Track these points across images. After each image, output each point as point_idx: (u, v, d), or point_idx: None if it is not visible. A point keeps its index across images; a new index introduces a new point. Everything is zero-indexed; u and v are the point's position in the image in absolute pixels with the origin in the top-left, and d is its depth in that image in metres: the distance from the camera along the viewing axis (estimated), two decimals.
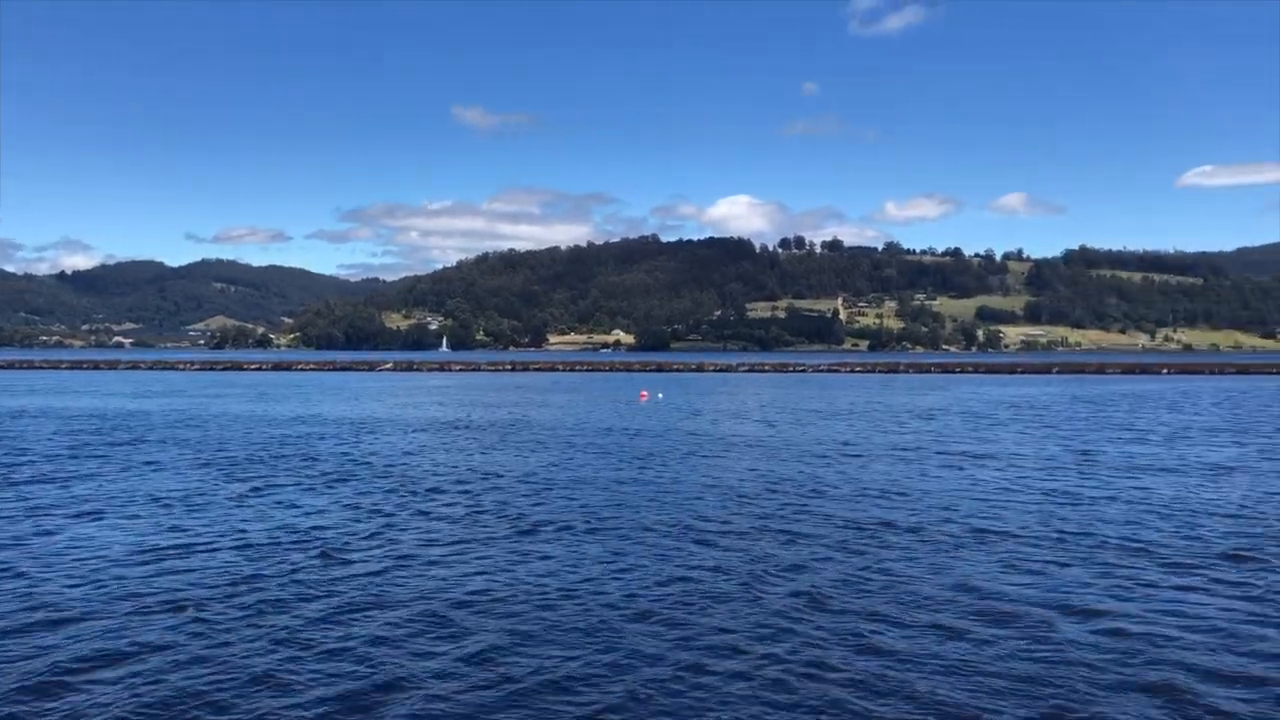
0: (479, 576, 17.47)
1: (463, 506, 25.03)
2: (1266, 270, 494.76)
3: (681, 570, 17.93)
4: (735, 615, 15.08)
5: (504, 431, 47.41)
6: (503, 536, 21.09)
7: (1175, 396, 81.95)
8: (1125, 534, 21.18)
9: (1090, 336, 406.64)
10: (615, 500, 25.94)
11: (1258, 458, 36.23)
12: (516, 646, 13.59)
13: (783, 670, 12.70)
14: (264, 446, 40.28)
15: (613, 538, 20.91)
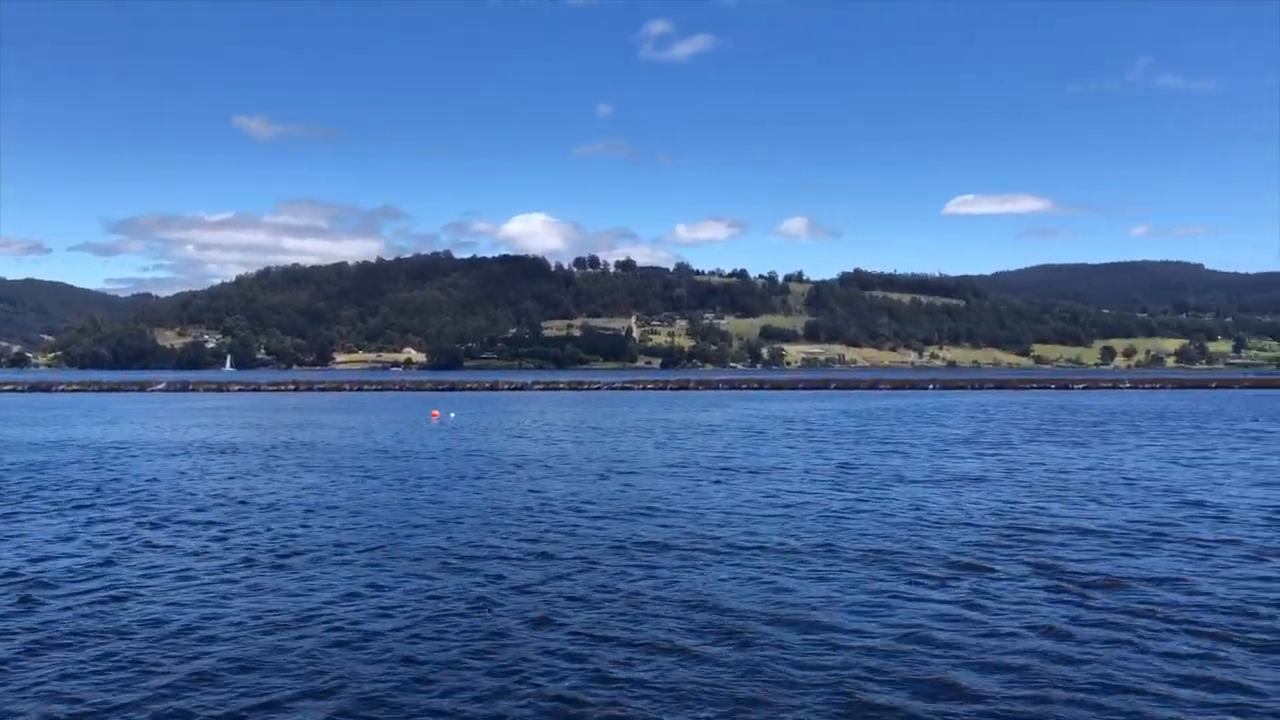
0: (194, 610, 16.37)
1: (205, 536, 23.45)
2: (1021, 293, 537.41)
3: (418, 597, 17.38)
4: (459, 638, 14.82)
5: (276, 455, 45.17)
6: (238, 566, 19.86)
7: (938, 411, 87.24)
8: (867, 544, 22.00)
9: (865, 354, 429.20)
10: (377, 525, 24.97)
11: (1000, 470, 38.77)
12: (199, 684, 12.88)
13: (494, 690, 12.57)
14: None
15: (363, 565, 20.05)
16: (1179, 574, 18.81)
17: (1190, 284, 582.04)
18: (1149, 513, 26.55)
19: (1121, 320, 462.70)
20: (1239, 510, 27.01)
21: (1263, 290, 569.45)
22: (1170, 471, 37.25)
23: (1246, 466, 39.11)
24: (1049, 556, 20.51)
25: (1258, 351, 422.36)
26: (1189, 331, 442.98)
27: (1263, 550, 21.10)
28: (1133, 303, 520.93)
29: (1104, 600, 16.88)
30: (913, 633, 15.03)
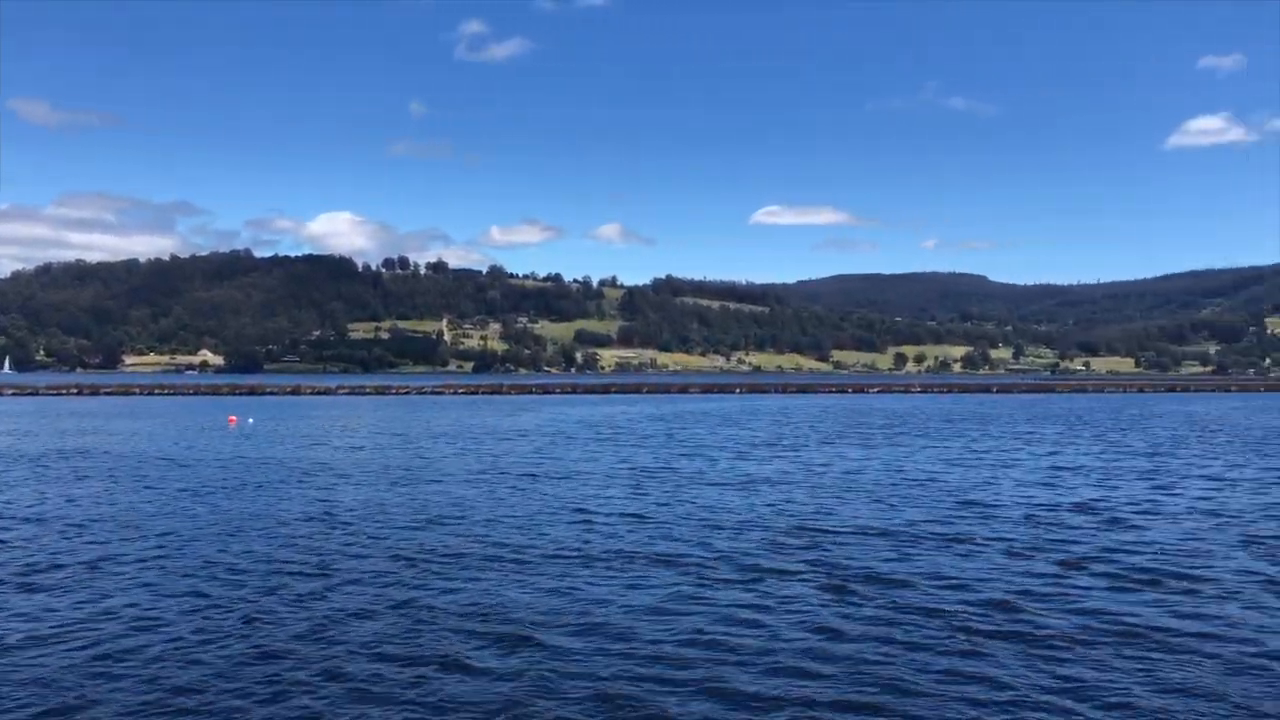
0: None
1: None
2: (822, 301, 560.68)
3: (183, 613, 16.33)
4: (223, 657, 13.98)
5: (45, 464, 41.71)
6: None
7: (743, 414, 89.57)
8: (661, 548, 22.12)
9: (676, 358, 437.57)
10: (148, 537, 23.27)
11: (796, 471, 39.98)
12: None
13: (258, 712, 11.88)
14: None
15: (126, 580, 18.64)
16: (953, 572, 19.72)
17: (975, 294, 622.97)
18: (930, 512, 27.86)
19: (913, 328, 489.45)
20: (1009, 509, 28.71)
21: (1038, 301, 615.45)
22: (953, 472, 39.33)
23: (1021, 466, 41.77)
24: (835, 557, 21.14)
25: (1034, 358, 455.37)
26: (973, 339, 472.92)
27: (1028, 548, 22.40)
28: (923, 311, 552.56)
29: (881, 599, 17.48)
30: (694, 636, 15.13)
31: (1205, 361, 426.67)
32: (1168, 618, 16.20)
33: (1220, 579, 19.04)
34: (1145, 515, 27.35)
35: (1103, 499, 30.79)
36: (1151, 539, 23.41)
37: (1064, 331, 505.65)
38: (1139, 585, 18.51)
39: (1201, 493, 32.61)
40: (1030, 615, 16.37)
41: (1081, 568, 20.07)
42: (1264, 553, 21.70)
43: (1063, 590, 18.11)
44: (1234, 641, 14.90)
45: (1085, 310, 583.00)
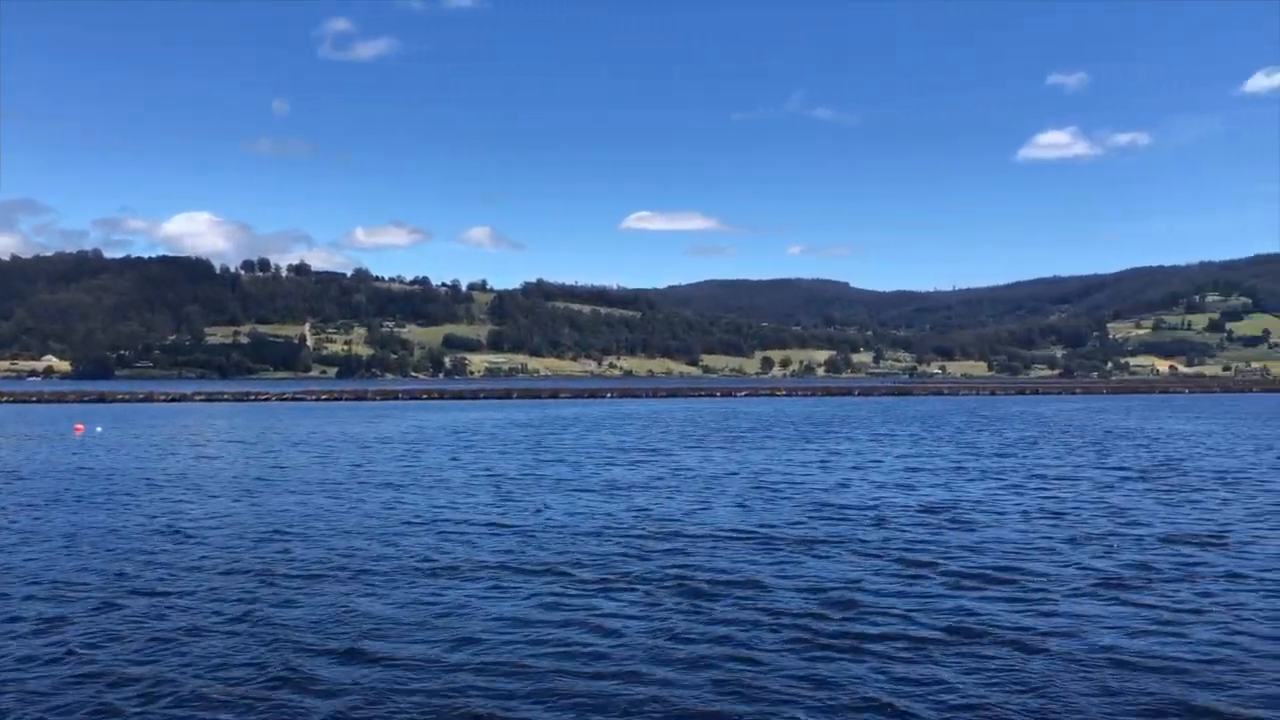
0: None
1: None
2: (691, 306, 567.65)
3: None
4: (39, 681, 13.24)
5: None
6: None
7: (612, 419, 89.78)
8: (504, 558, 21.87)
9: (547, 363, 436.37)
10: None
11: (657, 476, 40.24)
12: None
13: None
14: None
15: None
16: (802, 574, 20.14)
17: (837, 300, 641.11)
18: (787, 515, 28.42)
19: (779, 333, 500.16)
20: (863, 510, 29.52)
21: (897, 307, 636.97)
22: (813, 474, 40.23)
23: (877, 468, 43.03)
24: (692, 561, 21.32)
25: (893, 362, 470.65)
26: (836, 343, 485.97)
27: (877, 549, 23.05)
28: (789, 317, 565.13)
29: (731, 601, 17.71)
30: (538, 644, 15.04)
31: (1053, 365, 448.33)
32: (1006, 616, 16.82)
33: (1058, 577, 19.88)
34: (990, 515, 28.46)
35: (952, 499, 31.92)
36: (995, 538, 24.34)
37: (921, 336, 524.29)
38: (980, 584, 19.17)
39: (1043, 492, 34.13)
40: (873, 616, 16.77)
41: (926, 567, 20.71)
42: (1101, 551, 22.79)
43: (906, 590, 18.65)
44: (1066, 638, 15.56)
45: (941, 316, 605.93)
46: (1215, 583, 19.11)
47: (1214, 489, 34.72)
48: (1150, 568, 20.50)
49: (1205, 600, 17.73)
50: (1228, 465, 43.94)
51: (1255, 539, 24.07)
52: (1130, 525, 26.20)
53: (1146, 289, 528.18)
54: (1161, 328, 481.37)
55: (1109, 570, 20.34)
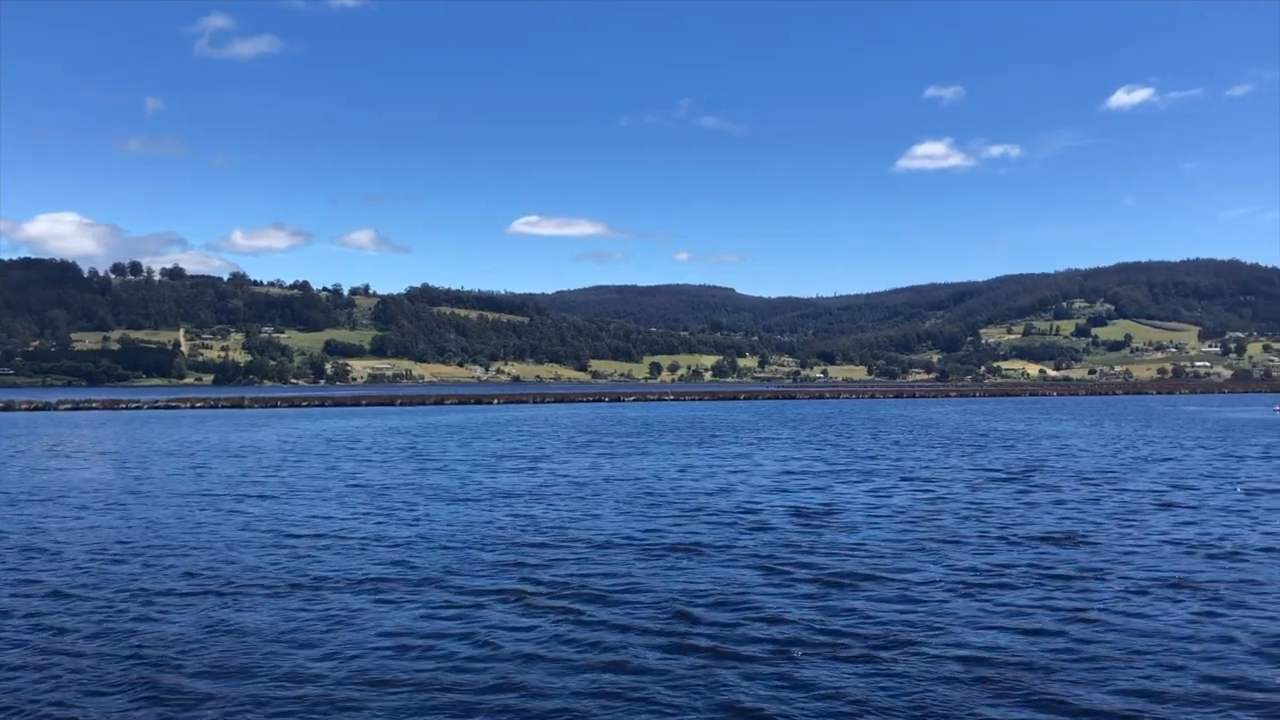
0: None
1: None
2: (580, 311, 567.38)
3: None
4: None
5: None
6: None
7: (498, 426, 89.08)
8: (356, 570, 21.57)
9: (433, 369, 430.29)
10: None
11: (546, 481, 40.14)
12: None
13: None
14: None
15: None
16: (660, 582, 20.39)
17: (724, 306, 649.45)
18: (661, 520, 28.73)
19: (667, 338, 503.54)
20: (737, 515, 30.03)
21: (781, 313, 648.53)
22: (691, 478, 40.66)
23: (758, 471, 43.72)
24: (564, 569, 21.44)
25: (778, 366, 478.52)
26: (723, 348, 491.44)
27: (747, 554, 23.50)
28: (676, 322, 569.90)
29: (601, 607, 17.89)
30: (411, 656, 14.94)
31: (929, 369, 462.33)
32: (875, 615, 17.35)
33: (927, 576, 20.57)
34: (864, 516, 29.28)
35: (828, 502, 32.73)
36: (867, 538, 25.08)
37: (805, 341, 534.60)
38: (852, 584, 19.73)
39: (916, 493, 35.25)
40: (745, 619, 17.09)
41: (802, 568, 21.21)
42: (968, 550, 23.63)
43: (778, 592, 19.07)
44: (933, 634, 16.13)
45: (824, 322, 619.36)
46: (1075, 580, 19.98)
47: (1075, 488, 36.35)
48: (1014, 566, 21.35)
49: (1065, 597, 18.51)
50: (1091, 465, 46.03)
51: (1109, 536, 25.28)
52: (997, 525, 27.24)
53: (1017, 296, 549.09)
54: (1031, 333, 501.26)
55: (976, 568, 21.09)
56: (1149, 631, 16.06)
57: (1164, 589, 19.08)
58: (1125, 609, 17.55)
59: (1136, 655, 14.78)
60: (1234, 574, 20.47)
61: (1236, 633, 15.98)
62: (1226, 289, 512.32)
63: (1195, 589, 19.02)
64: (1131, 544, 24.01)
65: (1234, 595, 18.57)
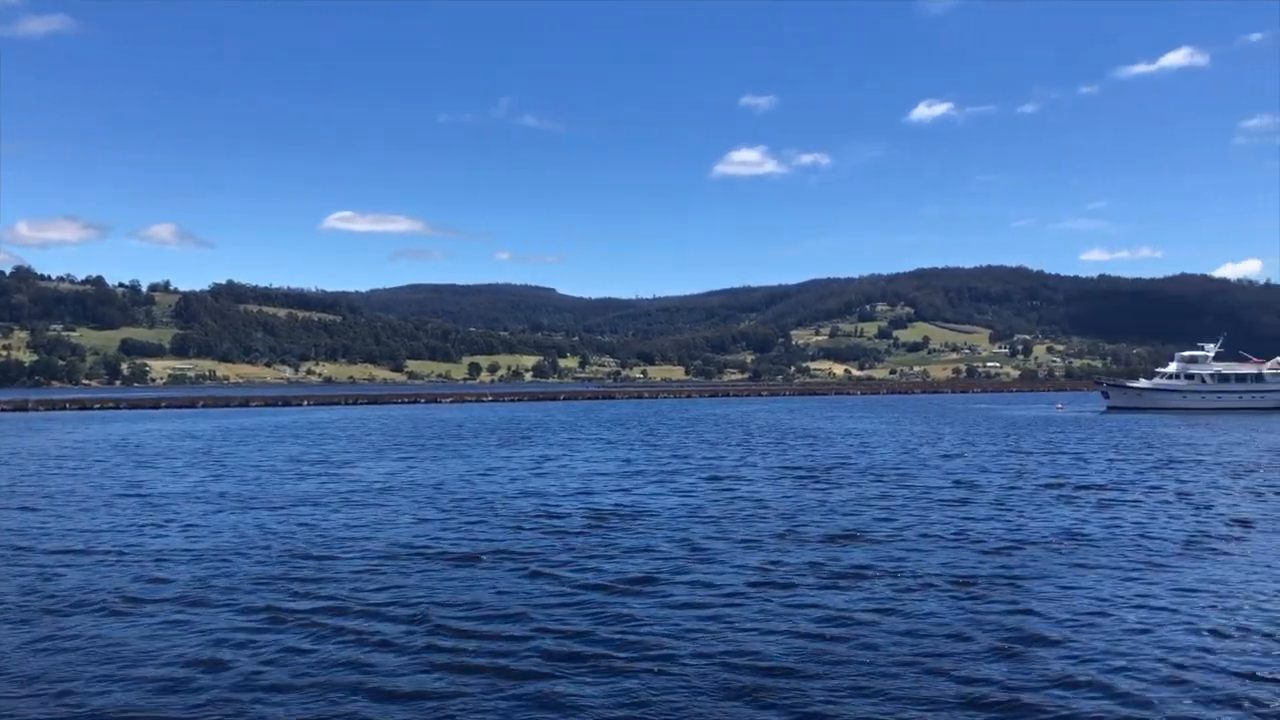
0: None
1: None
2: (396, 310, 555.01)
3: None
4: None
5: None
6: None
7: (302, 429, 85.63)
8: (90, 588, 20.16)
9: (239, 370, 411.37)
10: None
11: (341, 487, 38.62)
12: None
13: None
14: None
15: None
16: (452, 590, 19.76)
17: (545, 306, 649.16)
18: (453, 527, 27.96)
19: (487, 338, 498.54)
20: (538, 518, 29.58)
21: (601, 313, 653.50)
22: (501, 481, 39.94)
23: (571, 473, 43.42)
24: (338, 582, 20.41)
25: (598, 366, 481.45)
26: (544, 349, 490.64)
27: (546, 559, 23.12)
28: (496, 322, 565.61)
29: (363, 622, 17.15)
30: (141, 680, 13.86)
31: (743, 369, 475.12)
32: (657, 622, 17.13)
33: (717, 578, 20.55)
34: (666, 517, 29.27)
35: (631, 503, 32.65)
36: (666, 540, 24.98)
37: (625, 342, 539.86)
38: (638, 588, 19.48)
39: (722, 492, 35.69)
40: (518, 630, 16.53)
41: (589, 572, 20.91)
42: (764, 552, 23.93)
43: (558, 602, 18.60)
44: (713, 640, 16.06)
45: (643, 323, 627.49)
46: (861, 580, 20.38)
47: (870, 485, 37.64)
48: (802, 565, 21.67)
49: (844, 599, 18.76)
50: (886, 461, 47.93)
51: (897, 534, 26.17)
52: (792, 523, 27.78)
53: (825, 299, 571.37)
54: (838, 335, 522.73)
55: (764, 569, 21.28)
56: (925, 632, 16.38)
57: (949, 586, 19.75)
58: (906, 609, 17.89)
59: (906, 659, 14.99)
60: (1010, 569, 21.45)
61: (991, 630, 16.62)
62: (1015, 294, 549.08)
63: (974, 585, 19.78)
64: (917, 541, 24.82)
65: (1009, 593, 19.41)
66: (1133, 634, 16.07)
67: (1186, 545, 23.95)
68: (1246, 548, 23.75)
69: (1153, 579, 20.15)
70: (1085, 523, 27.71)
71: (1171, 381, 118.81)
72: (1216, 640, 15.73)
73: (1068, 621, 16.81)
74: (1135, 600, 18.33)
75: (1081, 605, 17.94)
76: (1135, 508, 30.97)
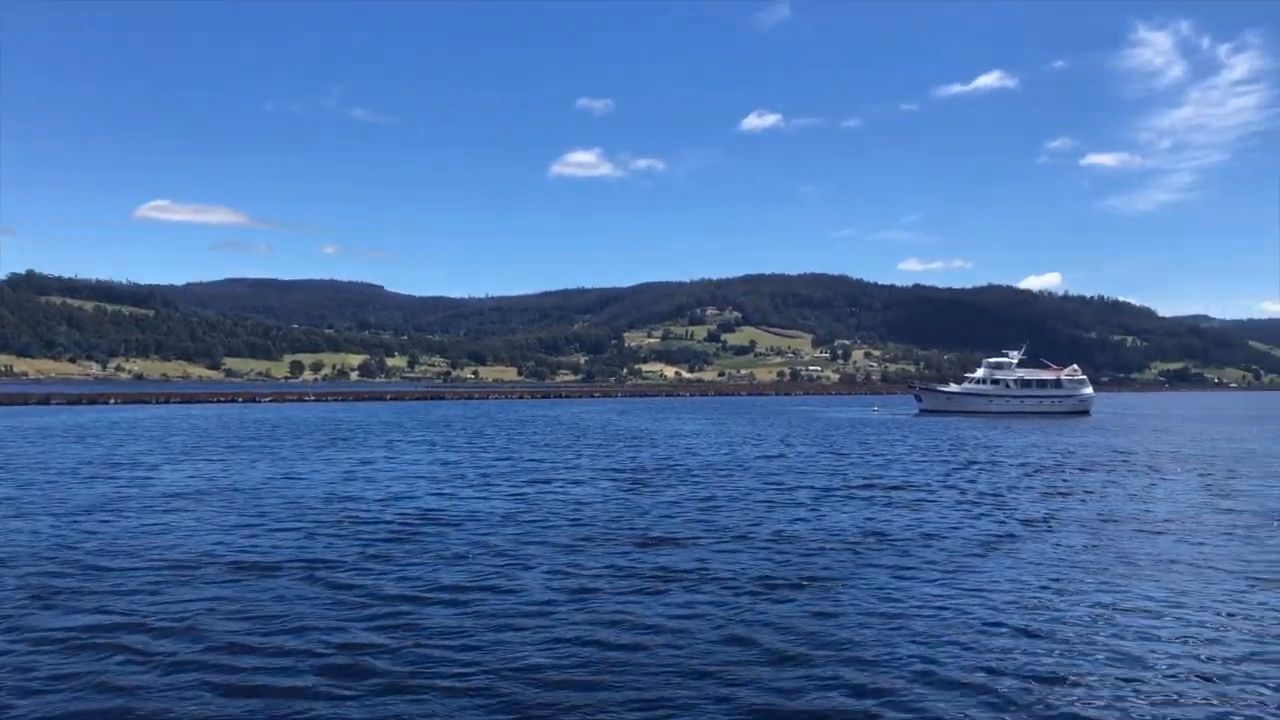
0: None
1: None
2: (214, 305, 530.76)
3: None
4: None
5: None
6: None
7: (104, 428, 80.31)
8: None
9: (39, 365, 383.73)
10: None
11: (134, 493, 36.13)
12: None
13: None
14: None
15: None
16: (224, 604, 18.63)
17: (373, 304, 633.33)
18: (251, 537, 26.45)
19: (311, 335, 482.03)
20: (337, 524, 28.32)
21: (432, 312, 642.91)
22: (311, 486, 38.13)
23: (387, 476, 41.90)
24: (98, 597, 18.91)
25: (428, 366, 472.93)
26: (371, 347, 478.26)
27: (335, 571, 22.03)
28: (321, 319, 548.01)
29: (124, 639, 15.95)
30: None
31: (576, 370, 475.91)
32: (456, 633, 16.52)
33: (520, 586, 20.01)
34: (480, 522, 28.49)
35: (443, 508, 31.68)
36: (458, 550, 24.22)
37: (456, 342, 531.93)
38: (436, 598, 18.72)
39: (532, 496, 35.11)
40: (286, 654, 15.43)
41: (388, 583, 20.02)
42: (570, 556, 23.52)
43: (342, 616, 17.74)
44: (506, 655, 15.56)
45: (475, 322, 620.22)
46: (670, 584, 20.18)
47: (690, 486, 37.81)
48: (606, 572, 21.29)
49: (660, 606, 18.48)
50: (707, 462, 48.42)
51: (711, 535, 26.22)
52: (606, 527, 27.48)
53: (658, 301, 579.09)
54: (669, 337, 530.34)
55: (577, 576, 20.79)
56: (720, 638, 16.28)
57: (756, 589, 19.78)
58: (708, 614, 17.76)
59: (697, 667, 14.81)
60: (816, 571, 21.72)
61: (786, 633, 16.69)
62: (837, 301, 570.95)
63: (779, 588, 19.90)
64: (731, 544, 24.86)
65: (810, 595, 19.59)
66: (928, 636, 16.37)
67: (985, 545, 24.88)
68: (1040, 546, 24.86)
69: (951, 579, 20.75)
70: (891, 523, 28.51)
71: (979, 386, 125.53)
72: (1012, 639, 16.20)
73: (865, 623, 17.03)
74: (935, 600, 18.78)
75: (880, 606, 18.24)
76: (941, 508, 32.14)
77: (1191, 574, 21.35)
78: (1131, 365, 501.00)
